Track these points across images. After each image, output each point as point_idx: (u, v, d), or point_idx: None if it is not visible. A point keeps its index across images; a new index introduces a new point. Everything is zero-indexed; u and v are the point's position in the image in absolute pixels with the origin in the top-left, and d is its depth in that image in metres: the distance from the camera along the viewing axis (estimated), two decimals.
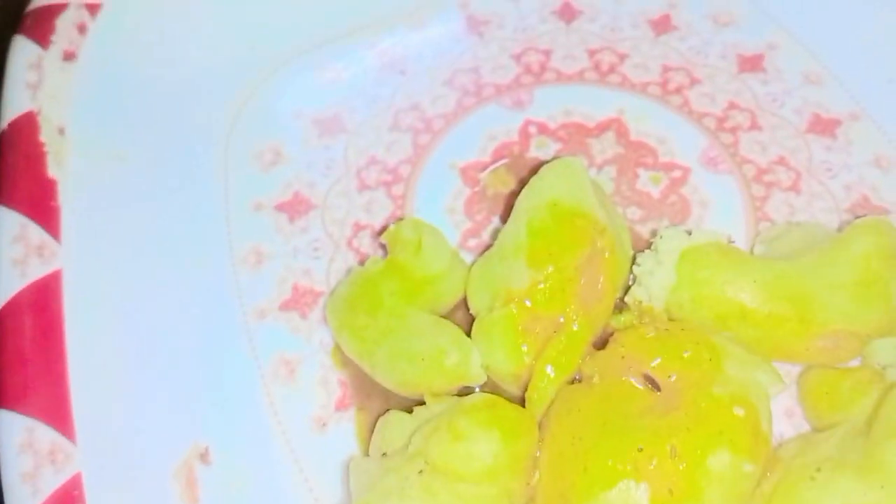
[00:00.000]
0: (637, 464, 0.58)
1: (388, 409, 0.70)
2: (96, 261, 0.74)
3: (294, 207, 0.85)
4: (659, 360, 0.65)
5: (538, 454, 0.64)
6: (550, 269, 0.69)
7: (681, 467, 0.58)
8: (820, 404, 0.68)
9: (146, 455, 0.68)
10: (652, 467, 0.58)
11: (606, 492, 0.58)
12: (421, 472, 0.61)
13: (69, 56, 0.81)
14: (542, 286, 0.69)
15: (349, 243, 0.83)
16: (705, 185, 0.83)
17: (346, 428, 0.74)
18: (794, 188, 0.82)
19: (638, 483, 0.58)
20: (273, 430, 0.74)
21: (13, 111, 0.77)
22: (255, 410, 0.74)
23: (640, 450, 0.59)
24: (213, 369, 0.75)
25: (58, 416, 0.65)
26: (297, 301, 0.80)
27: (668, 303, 0.71)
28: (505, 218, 0.82)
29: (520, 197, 0.73)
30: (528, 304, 0.69)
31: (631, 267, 0.74)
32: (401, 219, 0.80)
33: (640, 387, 0.65)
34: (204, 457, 0.70)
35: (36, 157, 0.76)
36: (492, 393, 0.69)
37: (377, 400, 0.74)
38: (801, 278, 0.68)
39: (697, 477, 0.58)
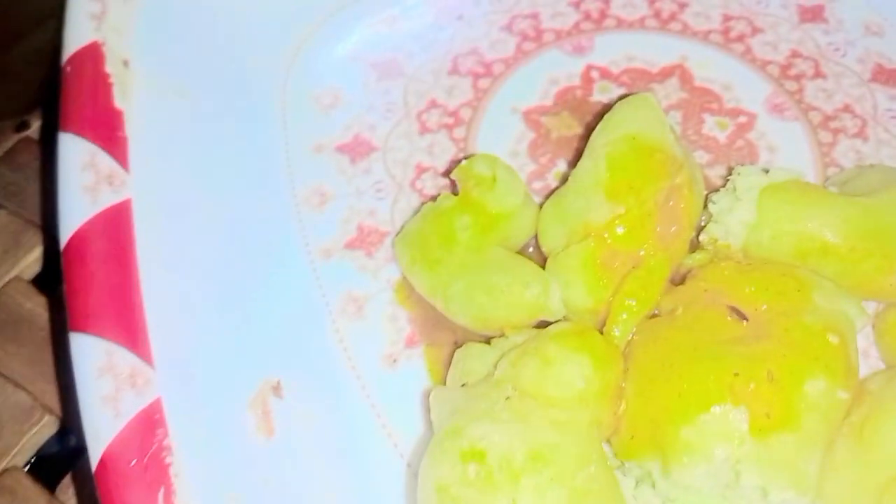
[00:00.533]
0: (734, 388, 0.58)
1: (459, 344, 0.69)
2: (164, 194, 0.73)
3: (355, 149, 0.84)
4: (746, 291, 0.64)
5: (623, 385, 0.63)
6: (630, 200, 0.68)
7: (778, 392, 0.57)
8: None
9: (222, 385, 0.66)
10: (749, 391, 0.57)
11: (703, 414, 0.57)
12: (509, 398, 0.60)
13: None
14: (621, 220, 0.68)
15: (412, 184, 0.82)
16: (772, 131, 0.83)
17: (417, 364, 0.73)
18: (861, 135, 0.82)
19: (736, 406, 0.57)
20: (343, 366, 0.73)
21: (77, 41, 0.76)
22: (325, 346, 0.73)
23: (736, 374, 0.58)
24: (282, 305, 0.74)
25: (136, 340, 0.63)
26: (363, 240, 0.79)
27: (746, 241, 0.70)
28: (572, 162, 0.81)
29: (595, 132, 0.72)
30: (606, 238, 0.68)
31: (705, 206, 0.73)
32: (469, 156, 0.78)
33: (728, 318, 0.63)
34: (277, 390, 0.69)
35: (103, 87, 0.75)
36: None
37: (446, 335, 0.73)
38: (883, 214, 0.68)
39: (795, 401, 0.58)
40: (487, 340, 0.68)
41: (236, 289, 0.73)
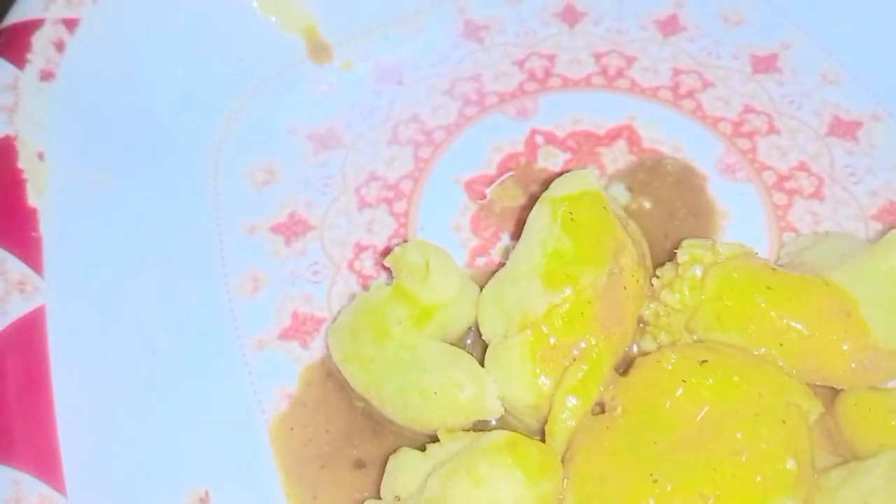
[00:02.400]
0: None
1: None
2: (82, 294, 0.70)
3: (290, 228, 0.81)
4: (693, 386, 0.60)
5: (563, 496, 0.60)
6: (568, 291, 0.64)
7: None
8: (861, 429, 0.63)
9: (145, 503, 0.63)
10: None
11: None
12: None
13: (47, 76, 0.76)
14: (559, 310, 0.64)
15: (350, 265, 0.78)
16: (724, 193, 0.79)
17: None
18: (818, 195, 0.78)
19: None
20: (277, 473, 0.69)
21: None
22: (258, 451, 0.70)
23: (674, 490, 0.55)
24: (212, 405, 0.70)
25: (47, 467, 0.60)
26: (297, 329, 0.75)
27: (692, 321, 0.67)
28: (515, 234, 0.78)
29: (531, 214, 0.69)
30: (544, 329, 0.65)
31: (650, 282, 0.69)
32: (405, 240, 0.75)
33: (669, 417, 0.60)
34: (204, 502, 0.65)
35: (14, 185, 0.71)
36: (508, 426, 0.64)
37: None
38: (838, 294, 0.64)
39: None
40: (422, 446, 0.64)
41: (162, 390, 0.70)
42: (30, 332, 0.65)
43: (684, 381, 0.61)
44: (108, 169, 0.77)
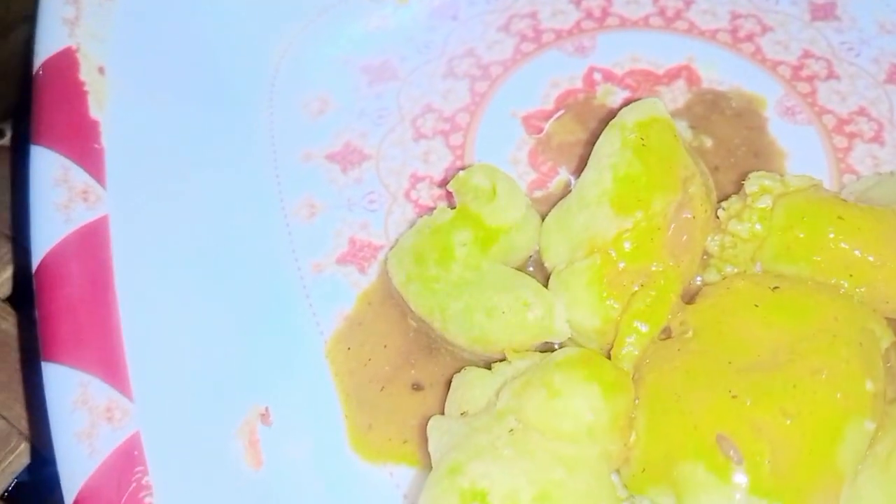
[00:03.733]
0: (754, 422, 0.54)
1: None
2: (143, 209, 0.69)
3: (346, 157, 0.80)
4: (763, 312, 0.60)
5: (633, 414, 0.59)
6: (639, 215, 0.64)
7: (802, 425, 0.53)
8: None
9: (206, 415, 0.63)
10: (770, 427, 0.53)
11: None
12: (512, 430, 0.56)
13: None
14: (628, 235, 0.64)
15: (407, 195, 0.78)
16: (784, 135, 0.78)
17: None
18: (878, 139, 0.78)
19: (756, 441, 0.53)
20: (335, 392, 0.68)
21: (50, 48, 0.71)
22: (316, 370, 0.69)
23: (754, 406, 0.54)
24: (271, 326, 0.70)
25: (113, 371, 0.59)
26: (355, 255, 0.75)
27: (758, 251, 0.66)
28: (575, 169, 0.77)
29: (599, 140, 0.68)
30: (613, 254, 0.64)
31: (716, 215, 0.69)
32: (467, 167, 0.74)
33: (745, 341, 0.59)
34: (265, 418, 0.65)
35: (77, 96, 0.70)
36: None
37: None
38: None
39: (818, 434, 0.54)
40: (487, 365, 0.64)
41: (222, 309, 0.69)
42: (94, 240, 0.64)
43: (756, 305, 0.61)
44: (168, 89, 0.76)
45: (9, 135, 0.90)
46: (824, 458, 0.53)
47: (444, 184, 0.76)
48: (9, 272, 0.81)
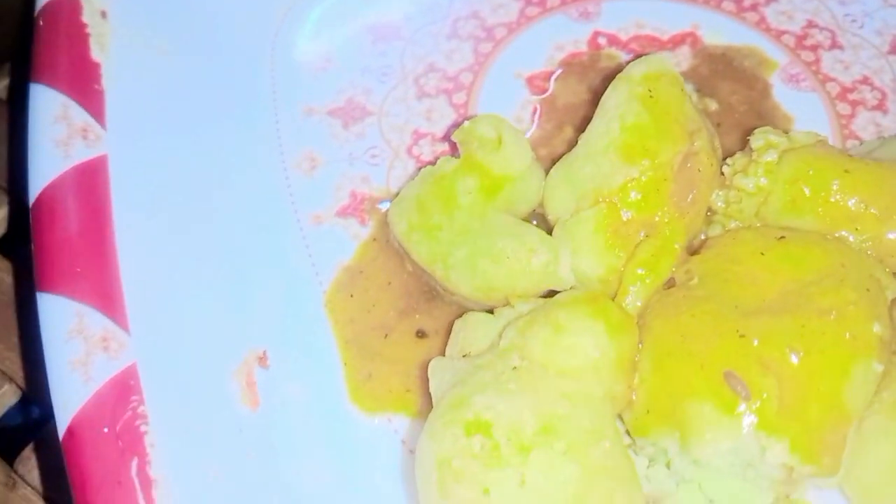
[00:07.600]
0: (762, 360, 0.53)
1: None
2: (143, 152, 0.68)
3: (348, 113, 0.79)
4: (768, 260, 0.60)
5: (637, 358, 0.58)
6: (646, 163, 0.63)
7: (808, 364, 0.53)
8: None
9: (204, 353, 0.62)
10: (777, 364, 0.53)
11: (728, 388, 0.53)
12: (516, 367, 0.55)
13: None
14: (634, 184, 0.63)
15: (409, 150, 0.77)
16: (788, 100, 0.78)
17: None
18: (881, 108, 0.78)
19: (763, 379, 0.53)
20: (333, 337, 0.67)
21: None
22: (315, 317, 0.68)
23: (762, 345, 0.54)
24: (270, 273, 0.69)
25: (109, 302, 0.58)
26: (356, 207, 0.74)
27: (764, 206, 0.66)
28: (579, 128, 0.77)
29: (606, 92, 0.68)
30: (618, 203, 0.64)
31: (720, 171, 0.68)
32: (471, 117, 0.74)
33: (751, 287, 0.59)
34: (262, 360, 0.64)
35: (78, 38, 0.70)
36: None
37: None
38: None
39: (826, 376, 0.53)
40: (490, 311, 0.63)
41: (221, 253, 0.68)
42: (92, 177, 0.64)
43: (762, 253, 0.61)
44: (170, 38, 0.75)
45: (4, 83, 0.89)
46: (832, 396, 0.52)
47: (446, 138, 0.75)
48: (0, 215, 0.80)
